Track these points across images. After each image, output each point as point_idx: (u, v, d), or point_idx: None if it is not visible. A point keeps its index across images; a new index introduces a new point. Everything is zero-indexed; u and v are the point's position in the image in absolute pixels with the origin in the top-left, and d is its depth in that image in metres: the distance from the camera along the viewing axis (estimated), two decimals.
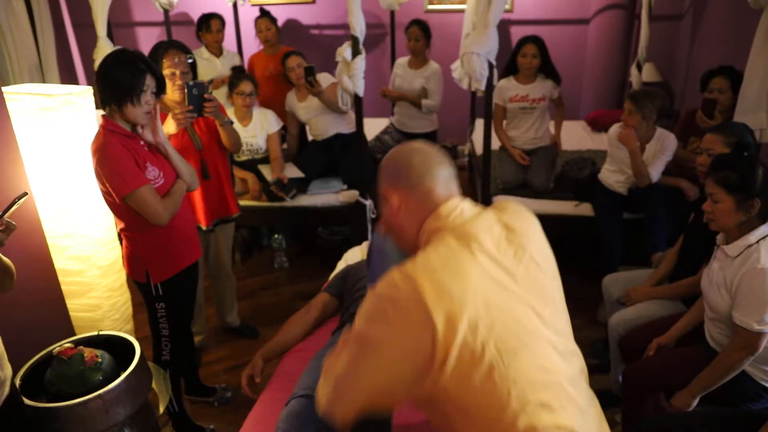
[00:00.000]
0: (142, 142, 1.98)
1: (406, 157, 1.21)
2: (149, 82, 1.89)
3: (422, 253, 1.09)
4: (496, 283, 1.07)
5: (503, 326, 1.04)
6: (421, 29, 3.89)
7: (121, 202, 1.91)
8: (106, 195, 1.94)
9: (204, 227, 2.62)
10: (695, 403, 1.85)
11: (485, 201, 3.37)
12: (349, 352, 1.09)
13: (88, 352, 1.63)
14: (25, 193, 1.44)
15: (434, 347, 0.99)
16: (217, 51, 4.15)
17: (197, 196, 2.56)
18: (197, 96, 2.30)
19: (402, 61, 4.12)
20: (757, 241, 1.74)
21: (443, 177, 1.20)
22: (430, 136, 4.07)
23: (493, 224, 1.16)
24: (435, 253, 1.08)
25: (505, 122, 3.67)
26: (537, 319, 1.10)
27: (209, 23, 4.05)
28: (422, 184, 1.18)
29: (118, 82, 1.85)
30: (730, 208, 1.76)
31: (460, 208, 1.18)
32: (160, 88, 1.97)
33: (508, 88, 3.53)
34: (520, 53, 3.44)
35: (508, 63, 3.55)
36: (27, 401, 1.51)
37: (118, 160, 1.86)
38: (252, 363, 1.97)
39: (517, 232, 1.17)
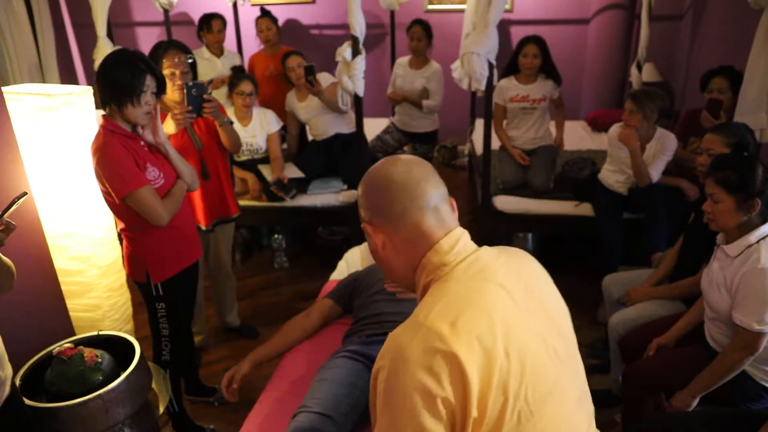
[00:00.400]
0: (142, 143, 1.98)
1: (383, 185, 1.04)
2: (149, 82, 1.89)
3: (433, 296, 0.98)
4: (518, 322, 0.96)
5: (532, 374, 0.93)
6: (423, 29, 3.89)
7: (121, 202, 1.90)
8: (106, 195, 1.94)
9: (204, 227, 2.62)
10: (695, 403, 1.85)
11: (485, 201, 3.37)
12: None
13: (88, 352, 1.63)
14: (25, 193, 1.44)
15: (468, 402, 0.88)
16: (218, 51, 4.15)
17: (197, 197, 2.56)
18: (196, 96, 2.30)
19: (402, 60, 4.12)
20: (758, 241, 1.74)
21: (430, 205, 1.03)
22: (431, 136, 4.08)
23: (497, 256, 1.06)
24: (451, 295, 0.96)
25: (505, 122, 3.67)
26: (558, 361, 1.00)
27: (210, 23, 4.05)
28: (407, 219, 1.03)
29: (119, 83, 1.85)
30: (730, 208, 1.76)
31: (462, 240, 1.05)
32: (161, 89, 1.97)
33: (508, 88, 3.53)
34: (522, 53, 3.43)
35: (509, 63, 3.54)
36: (27, 401, 1.51)
37: (118, 161, 1.86)
38: (238, 366, 1.91)
39: (522, 265, 1.09)
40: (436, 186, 1.05)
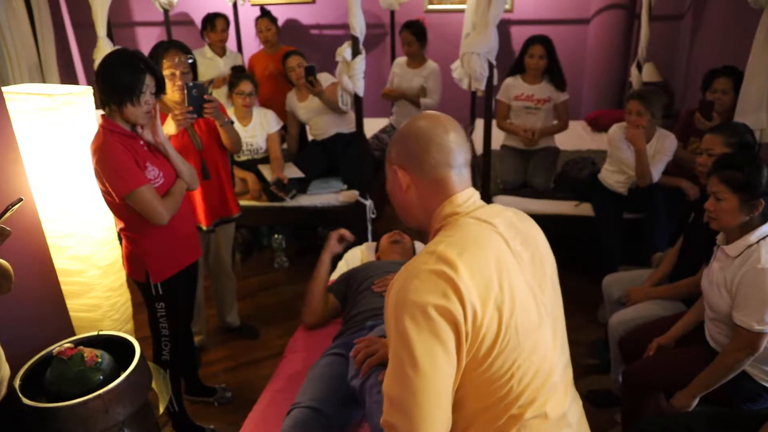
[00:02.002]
0: (141, 142, 1.98)
1: (424, 140, 1.17)
2: (149, 82, 1.89)
3: (444, 235, 1.12)
4: (513, 267, 1.11)
5: (521, 311, 1.09)
6: (412, 33, 3.88)
7: (120, 201, 1.90)
8: (106, 195, 1.94)
9: (204, 227, 2.62)
10: (695, 403, 1.85)
11: (485, 201, 3.36)
12: (405, 363, 1.02)
13: (88, 352, 1.63)
14: (20, 199, 1.44)
15: (467, 322, 1.02)
16: (221, 51, 4.15)
17: (197, 197, 2.55)
18: (197, 97, 2.30)
19: (400, 60, 4.11)
20: (758, 241, 1.74)
21: (458, 165, 1.18)
22: None
23: (502, 211, 1.22)
24: (459, 234, 1.11)
25: (508, 122, 3.66)
26: (542, 307, 1.16)
27: (214, 22, 4.05)
28: (437, 173, 1.17)
29: (118, 82, 1.85)
30: (733, 207, 1.76)
31: (474, 198, 1.20)
32: (160, 88, 1.97)
33: (513, 87, 3.51)
34: (527, 54, 3.40)
35: (515, 61, 3.52)
36: (27, 401, 1.51)
37: (118, 160, 1.86)
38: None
39: (522, 223, 1.24)
40: (466, 151, 1.21)
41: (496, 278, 1.06)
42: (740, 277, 1.74)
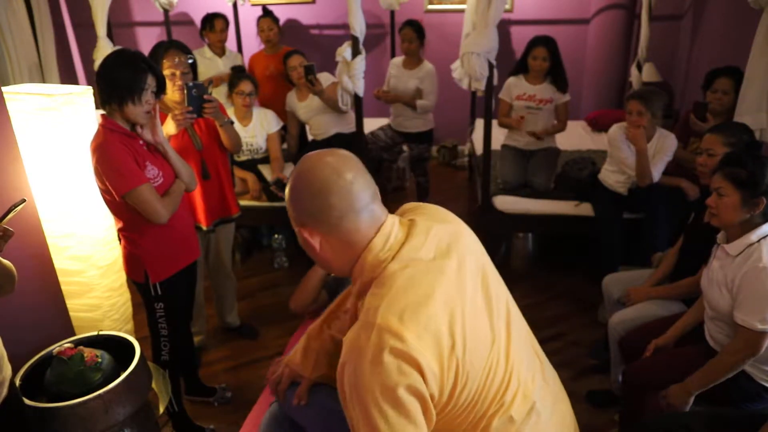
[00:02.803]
0: (141, 142, 1.98)
1: (321, 193, 1.07)
2: (150, 81, 1.90)
3: (376, 294, 1.05)
4: (457, 295, 1.07)
5: (475, 342, 1.07)
6: (414, 30, 3.88)
7: (120, 200, 1.91)
8: (105, 193, 1.94)
9: (204, 227, 2.62)
10: (691, 400, 1.84)
11: (485, 201, 3.38)
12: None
13: (88, 352, 1.63)
14: (23, 200, 1.44)
15: (429, 383, 1.00)
16: (220, 51, 4.15)
17: (197, 197, 2.55)
18: (197, 97, 2.30)
19: (397, 61, 4.11)
20: (758, 240, 1.74)
21: (366, 207, 1.09)
22: (426, 136, 4.07)
23: (426, 230, 1.14)
24: (393, 291, 1.03)
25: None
26: (494, 316, 1.14)
27: (213, 22, 4.05)
28: (344, 224, 1.08)
29: (120, 81, 1.86)
30: (735, 204, 1.76)
31: (393, 234, 1.12)
32: (161, 88, 1.98)
33: (516, 86, 3.51)
34: (531, 55, 3.40)
35: (519, 61, 3.52)
36: (27, 401, 1.51)
37: (118, 159, 1.87)
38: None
39: (446, 227, 1.17)
40: (368, 185, 1.11)
41: (445, 325, 1.02)
42: (741, 276, 1.73)
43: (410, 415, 0.99)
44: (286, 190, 1.14)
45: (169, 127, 2.29)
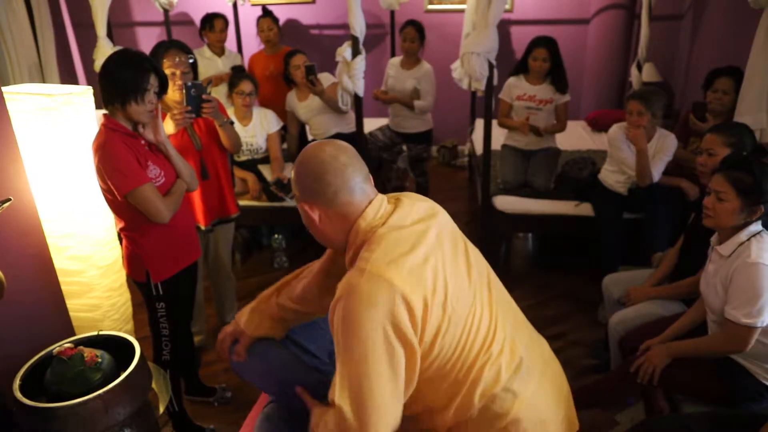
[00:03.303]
0: (143, 141, 1.99)
1: (320, 172, 1.26)
2: (153, 81, 1.91)
3: (368, 251, 1.22)
4: (439, 255, 1.24)
5: (457, 292, 1.24)
6: (416, 30, 3.88)
7: (122, 200, 1.91)
8: (107, 193, 1.94)
9: (203, 227, 2.62)
10: (667, 361, 1.90)
11: (485, 201, 3.37)
12: (347, 382, 1.16)
13: (88, 352, 1.63)
14: (9, 199, 1.44)
15: (415, 322, 1.16)
16: (220, 51, 4.15)
17: (197, 196, 2.55)
18: (196, 96, 2.30)
19: (394, 61, 4.10)
20: (748, 239, 1.75)
21: (358, 185, 1.28)
22: (425, 136, 4.07)
23: (410, 207, 1.32)
24: (381, 246, 1.21)
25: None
26: (474, 278, 1.31)
27: (213, 22, 4.05)
28: (340, 198, 1.27)
29: (123, 81, 1.87)
30: (734, 209, 1.76)
31: (382, 205, 1.31)
32: (163, 88, 1.99)
33: (516, 86, 3.51)
34: (531, 56, 3.39)
35: (519, 61, 3.52)
36: (27, 401, 1.51)
37: (120, 158, 1.87)
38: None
39: (427, 209, 1.35)
40: (360, 168, 1.30)
41: (427, 272, 1.19)
42: (732, 272, 1.75)
43: (391, 358, 1.15)
44: (292, 173, 1.31)
45: (168, 127, 2.29)
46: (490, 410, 1.27)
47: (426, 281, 1.18)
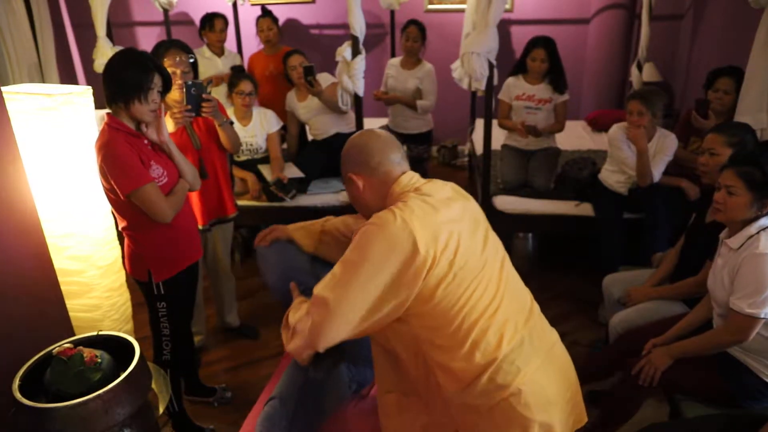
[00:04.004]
0: (146, 141, 1.99)
1: (366, 147, 1.50)
2: (156, 80, 1.92)
3: (397, 204, 1.40)
4: (456, 225, 1.39)
5: (467, 252, 1.38)
6: (419, 30, 3.88)
7: (125, 199, 1.91)
8: (110, 192, 1.94)
9: (201, 226, 2.61)
10: (669, 363, 1.91)
11: (485, 201, 3.37)
12: (335, 280, 1.35)
13: (87, 352, 1.63)
14: None
15: (417, 261, 1.30)
16: (219, 50, 4.15)
17: (195, 196, 2.55)
18: (195, 96, 2.30)
19: (394, 61, 4.10)
20: (758, 232, 1.76)
21: (396, 159, 1.50)
22: (426, 136, 4.07)
23: (443, 185, 1.52)
24: (410, 203, 1.38)
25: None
26: (492, 252, 1.45)
27: (213, 22, 4.05)
28: (381, 167, 1.48)
29: (128, 80, 1.87)
30: (745, 203, 1.77)
31: (415, 178, 1.51)
32: (167, 88, 2.00)
33: (515, 86, 3.50)
34: (530, 56, 3.39)
35: (518, 61, 3.52)
36: (26, 401, 1.51)
37: (124, 158, 1.87)
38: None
39: (461, 192, 1.56)
40: (398, 149, 1.54)
41: (445, 233, 1.35)
42: (740, 263, 1.76)
43: (378, 287, 1.31)
44: (342, 152, 1.53)
45: (168, 125, 2.29)
46: (493, 382, 1.35)
47: (440, 238, 1.34)
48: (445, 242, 1.35)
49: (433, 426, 1.49)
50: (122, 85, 1.88)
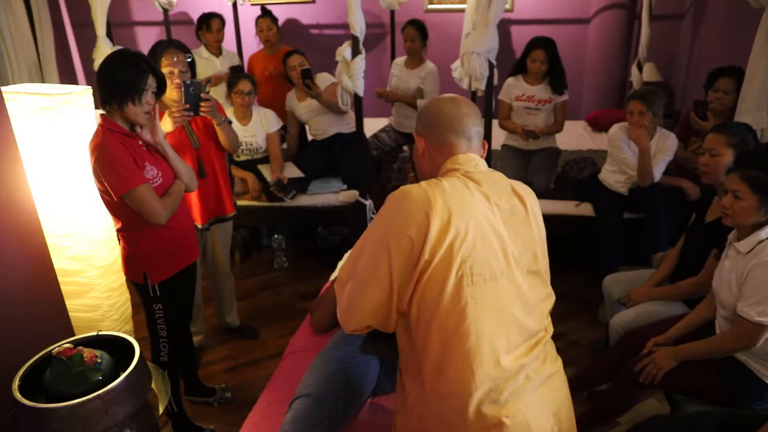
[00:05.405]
0: (140, 142, 1.98)
1: (436, 111, 1.38)
2: (151, 82, 1.90)
3: (437, 179, 1.29)
4: (488, 222, 1.24)
5: (482, 254, 1.22)
6: (417, 30, 3.88)
7: (119, 200, 1.90)
8: (104, 194, 1.93)
9: (200, 226, 2.61)
10: (673, 365, 1.91)
11: None
12: (359, 248, 1.28)
13: (87, 353, 1.62)
14: None
15: (425, 245, 1.18)
16: (217, 51, 4.14)
17: (193, 195, 2.54)
18: (194, 95, 2.29)
19: (399, 60, 4.11)
20: None
21: (467, 134, 1.36)
22: None
23: (501, 179, 1.36)
24: (448, 182, 1.27)
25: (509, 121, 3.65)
26: (515, 267, 1.27)
27: (209, 22, 4.04)
28: (446, 137, 1.36)
29: (121, 81, 1.86)
30: (752, 207, 1.77)
31: (476, 161, 1.36)
32: (161, 89, 1.98)
33: (515, 87, 3.50)
34: (529, 57, 3.39)
35: (517, 62, 3.52)
36: (26, 401, 1.51)
37: (117, 159, 1.86)
38: None
39: (519, 194, 1.34)
40: (477, 124, 1.38)
41: (465, 220, 1.21)
42: (749, 269, 1.75)
43: (386, 256, 1.21)
44: (420, 108, 1.42)
45: (166, 125, 2.29)
46: (478, 410, 1.21)
47: (453, 229, 1.20)
48: (455, 234, 1.20)
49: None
50: (116, 86, 1.86)
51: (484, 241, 1.22)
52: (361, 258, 1.27)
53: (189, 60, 2.42)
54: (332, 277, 2.71)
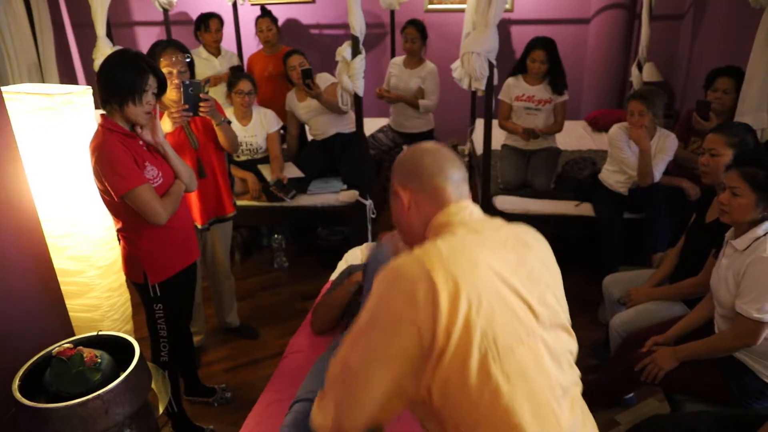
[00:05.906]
0: (140, 142, 1.98)
1: (418, 157, 1.24)
2: (151, 82, 1.90)
3: (432, 242, 1.11)
4: (499, 279, 1.08)
5: (502, 319, 1.04)
6: (417, 30, 3.88)
7: (119, 200, 1.90)
8: (104, 194, 1.93)
9: (199, 225, 2.61)
10: (674, 365, 1.91)
11: (485, 201, 3.37)
12: (353, 342, 1.07)
13: (87, 353, 1.63)
14: None
15: (436, 327, 0.99)
16: (216, 51, 4.14)
17: (193, 195, 2.54)
18: (193, 95, 2.29)
19: (397, 60, 4.10)
20: (765, 234, 1.76)
21: (454, 179, 1.23)
22: (427, 136, 4.06)
23: (501, 227, 1.22)
24: (443, 242, 1.10)
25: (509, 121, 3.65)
26: (536, 323, 1.10)
27: (208, 23, 4.04)
28: (433, 183, 1.21)
29: (122, 81, 1.86)
30: (749, 204, 1.77)
31: (470, 209, 1.22)
32: (161, 89, 1.98)
33: (515, 87, 3.50)
34: (529, 57, 3.39)
35: (517, 62, 3.51)
36: (26, 401, 1.51)
37: (117, 159, 1.86)
38: None
39: (524, 239, 1.21)
40: (460, 168, 1.26)
41: (476, 286, 1.03)
42: (746, 266, 1.75)
43: (389, 349, 1.01)
44: (393, 163, 1.29)
45: (165, 125, 2.29)
46: None
47: (465, 298, 1.01)
48: (467, 307, 1.01)
49: None
50: (116, 86, 1.86)
51: (501, 304, 1.05)
52: (352, 357, 1.06)
53: (188, 60, 2.42)
54: (332, 277, 2.71)
